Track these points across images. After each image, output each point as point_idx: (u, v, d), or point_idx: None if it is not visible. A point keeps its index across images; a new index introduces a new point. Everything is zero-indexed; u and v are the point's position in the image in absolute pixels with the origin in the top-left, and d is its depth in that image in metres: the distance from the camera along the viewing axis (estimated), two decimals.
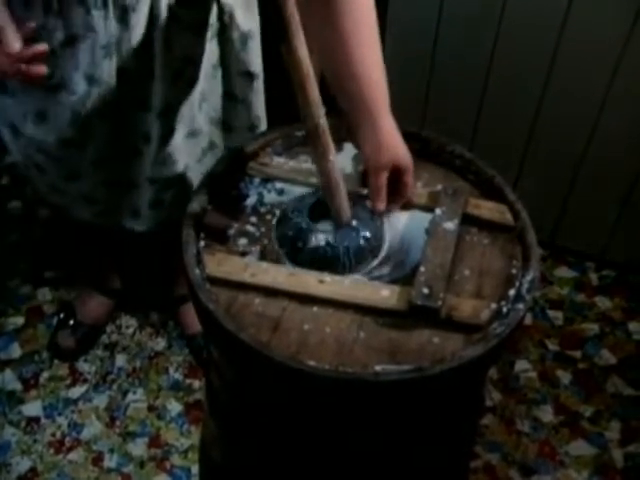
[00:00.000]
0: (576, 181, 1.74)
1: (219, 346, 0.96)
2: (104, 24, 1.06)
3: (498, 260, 0.97)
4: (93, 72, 1.10)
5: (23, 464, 1.48)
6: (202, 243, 0.96)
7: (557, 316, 1.77)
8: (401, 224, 1.02)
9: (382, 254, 0.98)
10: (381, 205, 0.99)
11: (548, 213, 1.81)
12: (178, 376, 1.63)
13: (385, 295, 0.91)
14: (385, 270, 0.96)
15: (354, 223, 0.97)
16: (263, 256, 0.96)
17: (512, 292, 0.92)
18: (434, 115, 1.74)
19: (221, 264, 0.93)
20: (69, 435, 1.53)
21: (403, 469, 1.03)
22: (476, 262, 0.96)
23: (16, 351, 1.66)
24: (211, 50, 1.17)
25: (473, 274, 0.95)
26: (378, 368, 0.84)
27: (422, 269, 0.92)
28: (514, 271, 0.95)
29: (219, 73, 1.21)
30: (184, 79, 1.16)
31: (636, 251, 1.79)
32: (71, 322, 1.67)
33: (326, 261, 0.95)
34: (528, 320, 1.72)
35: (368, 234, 0.97)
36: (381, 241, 0.98)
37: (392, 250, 0.99)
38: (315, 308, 0.90)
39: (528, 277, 0.93)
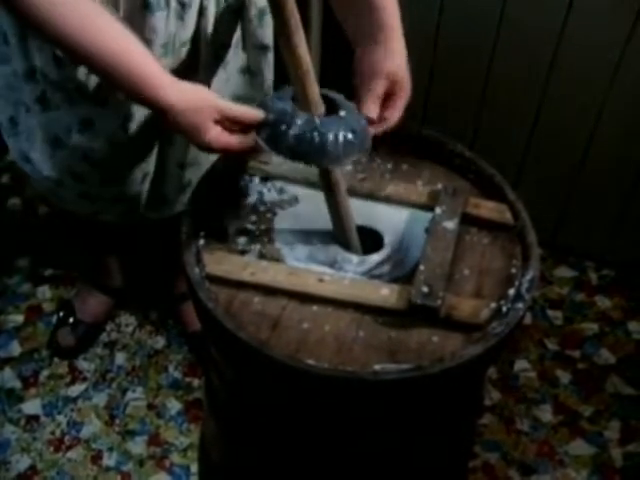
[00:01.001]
0: (576, 181, 1.74)
1: (218, 345, 0.96)
2: (165, 23, 1.05)
3: (498, 259, 0.97)
4: None
5: (23, 462, 1.48)
6: (202, 242, 0.96)
7: (557, 316, 1.77)
8: (401, 223, 1.02)
9: (382, 253, 0.98)
10: (374, 110, 0.96)
11: (548, 213, 1.81)
12: (177, 374, 1.63)
13: (385, 294, 0.90)
14: (385, 269, 0.96)
15: (342, 114, 0.92)
16: (262, 255, 0.96)
17: (512, 291, 0.92)
18: (434, 115, 1.74)
19: (221, 262, 0.93)
20: (68, 433, 1.53)
21: (402, 468, 1.03)
22: (476, 261, 0.96)
23: (16, 349, 1.66)
24: (234, 28, 1.17)
25: (473, 273, 0.95)
26: (377, 367, 0.84)
27: (422, 268, 0.92)
28: (514, 270, 0.95)
29: (239, 49, 1.20)
30: (218, 62, 1.16)
31: (636, 251, 1.80)
32: (71, 320, 1.67)
33: (311, 150, 0.89)
34: (528, 320, 1.72)
35: (357, 128, 0.91)
36: (367, 145, 0.94)
37: (392, 249, 0.99)
38: (315, 307, 0.90)
39: (528, 276, 0.93)
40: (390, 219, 1.02)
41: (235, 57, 1.20)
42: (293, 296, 0.91)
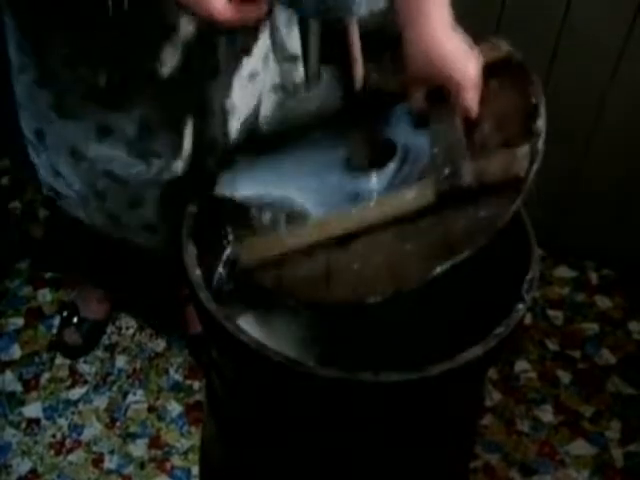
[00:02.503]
0: (576, 181, 1.74)
1: (219, 347, 0.96)
2: (183, 21, 1.02)
3: (512, 98, 0.89)
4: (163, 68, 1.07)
5: (23, 465, 1.48)
6: (230, 237, 0.94)
7: (557, 316, 1.77)
8: (408, 126, 0.96)
9: (396, 158, 0.92)
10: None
11: (548, 213, 1.81)
12: (178, 377, 1.63)
13: (411, 197, 0.85)
14: (406, 171, 0.91)
15: None
16: (290, 220, 0.92)
17: (540, 123, 0.86)
18: None
19: (254, 249, 0.91)
20: (69, 436, 1.53)
21: (402, 469, 1.03)
22: (490, 112, 0.88)
23: (16, 352, 1.66)
24: (263, 40, 1.14)
25: (491, 127, 0.88)
26: (439, 270, 0.79)
27: (436, 150, 0.86)
28: (533, 100, 0.88)
29: (270, 64, 1.17)
30: (245, 73, 1.12)
31: (636, 250, 1.80)
32: (75, 320, 1.67)
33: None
34: (528, 320, 1.72)
35: None
36: None
37: (406, 151, 0.92)
38: (355, 244, 0.86)
39: (528, 277, 0.93)
40: (398, 125, 0.96)
41: (266, 72, 1.17)
42: (331, 244, 0.87)
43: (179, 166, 1.16)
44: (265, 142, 1.04)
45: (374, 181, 0.91)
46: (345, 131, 0.96)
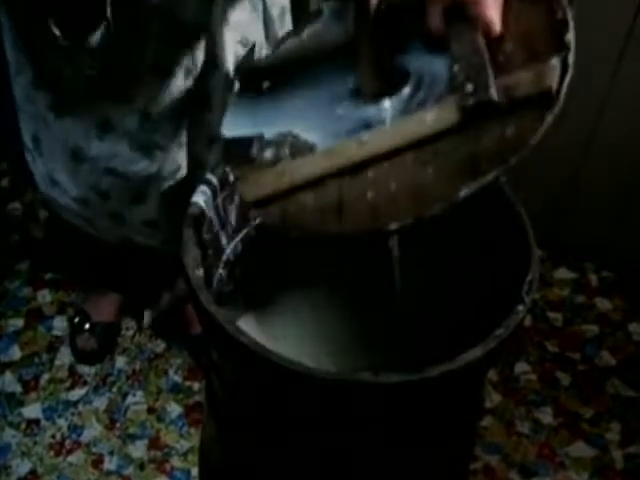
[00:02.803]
0: (576, 182, 1.74)
1: (219, 349, 0.96)
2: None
3: (536, 14, 0.83)
4: (162, 60, 1.06)
5: (23, 466, 1.48)
6: (231, 177, 0.90)
7: (557, 317, 1.77)
8: (416, 52, 0.89)
9: (411, 81, 0.86)
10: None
11: (548, 214, 1.81)
12: (178, 378, 1.63)
13: (432, 117, 0.79)
14: (419, 97, 0.84)
15: None
16: (294, 152, 0.86)
17: (569, 36, 0.79)
18: None
19: (257, 184, 0.84)
20: (69, 437, 1.53)
21: (402, 471, 1.03)
22: (513, 29, 0.82)
23: (16, 353, 1.66)
24: (257, 31, 1.15)
25: (516, 43, 0.82)
26: (465, 191, 0.73)
27: (456, 68, 0.80)
28: (559, 15, 0.81)
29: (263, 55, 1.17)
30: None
31: (636, 252, 1.80)
32: (87, 326, 1.66)
33: None
34: (528, 321, 1.72)
35: None
36: None
37: (420, 74, 0.86)
38: (369, 172, 0.79)
39: (528, 278, 0.93)
40: (410, 50, 0.90)
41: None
42: (342, 174, 0.80)
43: (181, 158, 1.16)
44: (265, 80, 0.96)
45: (386, 107, 0.84)
46: (351, 63, 0.90)
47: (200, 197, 1.00)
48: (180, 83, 1.10)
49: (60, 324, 1.71)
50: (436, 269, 1.02)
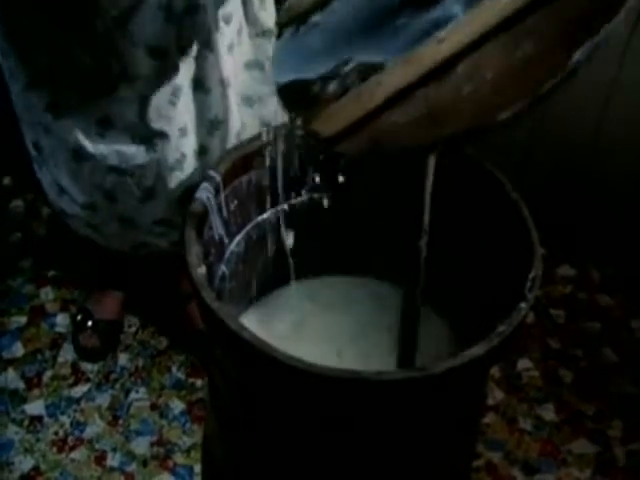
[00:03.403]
0: (579, 179, 1.74)
1: (222, 345, 0.96)
2: None
3: None
4: (157, 42, 1.05)
5: (26, 463, 1.48)
6: (299, 122, 0.80)
7: (559, 314, 1.77)
8: None
9: None
10: None
11: (550, 211, 1.81)
12: (181, 375, 1.63)
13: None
14: None
15: None
16: (362, 77, 0.78)
17: None
18: None
19: (332, 118, 0.77)
20: (72, 434, 1.53)
21: (404, 467, 1.03)
22: None
23: (19, 350, 1.66)
24: (237, 11, 1.13)
25: None
26: (579, 53, 0.67)
27: None
28: None
29: (243, 38, 1.16)
30: (225, 44, 1.11)
31: (638, 249, 1.79)
32: (89, 323, 1.66)
33: None
34: (530, 319, 1.72)
35: None
36: None
37: None
38: (458, 68, 0.73)
39: (530, 275, 0.93)
40: None
41: (239, 48, 1.16)
42: (426, 79, 0.73)
43: (185, 146, 1.15)
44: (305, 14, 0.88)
45: (450, 3, 0.77)
46: None
47: (203, 194, 1.00)
48: (175, 65, 1.09)
49: (63, 321, 1.72)
50: (439, 266, 1.02)
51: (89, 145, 1.14)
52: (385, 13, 0.82)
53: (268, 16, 1.17)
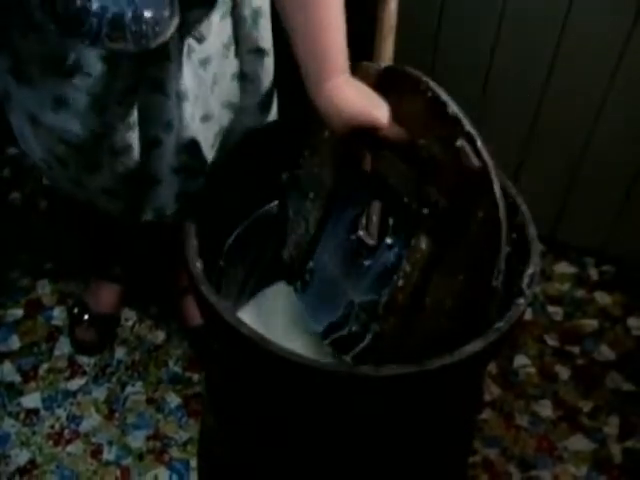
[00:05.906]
0: (576, 176, 1.74)
1: (220, 340, 0.96)
2: None
3: (414, 103, 0.91)
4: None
5: (22, 456, 1.48)
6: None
7: (556, 311, 1.77)
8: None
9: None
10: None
11: (548, 208, 1.81)
12: (177, 369, 1.63)
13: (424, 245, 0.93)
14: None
15: None
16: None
17: (452, 109, 0.87)
18: None
19: None
20: (68, 427, 1.53)
21: (401, 463, 1.03)
22: (408, 124, 0.91)
23: (15, 343, 1.66)
24: (223, 28, 1.14)
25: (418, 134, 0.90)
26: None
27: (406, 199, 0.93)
28: (429, 94, 0.89)
29: (231, 53, 1.18)
30: (196, 59, 1.13)
31: (636, 247, 1.80)
32: (86, 316, 1.66)
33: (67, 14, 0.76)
34: (528, 315, 1.72)
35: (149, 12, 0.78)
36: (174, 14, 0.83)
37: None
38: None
39: (529, 272, 0.92)
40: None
41: (226, 61, 1.18)
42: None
43: (131, 138, 1.17)
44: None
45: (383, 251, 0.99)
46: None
47: (201, 190, 1.00)
48: (127, 68, 1.10)
49: (59, 314, 1.71)
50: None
51: (44, 116, 1.16)
52: (351, 255, 1.03)
53: (261, 36, 1.19)
